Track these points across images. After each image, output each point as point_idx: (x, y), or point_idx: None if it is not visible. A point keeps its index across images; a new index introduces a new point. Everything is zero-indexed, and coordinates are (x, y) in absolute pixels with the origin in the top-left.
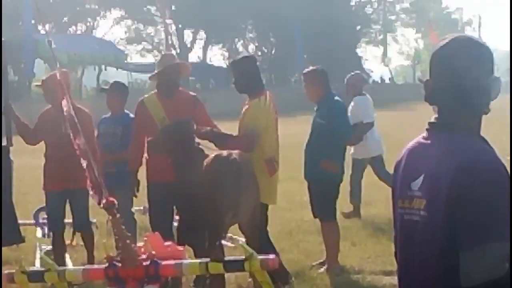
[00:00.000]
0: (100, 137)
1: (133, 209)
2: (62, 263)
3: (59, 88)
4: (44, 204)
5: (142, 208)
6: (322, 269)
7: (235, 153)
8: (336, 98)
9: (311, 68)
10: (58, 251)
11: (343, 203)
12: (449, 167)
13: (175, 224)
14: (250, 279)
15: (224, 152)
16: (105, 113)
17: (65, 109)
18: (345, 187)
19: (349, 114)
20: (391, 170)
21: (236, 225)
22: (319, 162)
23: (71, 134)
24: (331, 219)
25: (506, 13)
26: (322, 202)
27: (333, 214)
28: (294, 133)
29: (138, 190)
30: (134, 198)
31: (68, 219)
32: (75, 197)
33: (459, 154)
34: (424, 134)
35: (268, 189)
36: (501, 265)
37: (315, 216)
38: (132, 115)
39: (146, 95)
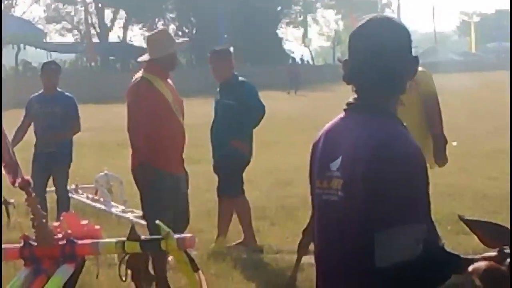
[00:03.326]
0: (36, 117)
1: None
2: None
3: None
4: None
5: (74, 186)
6: (240, 249)
7: None
8: (241, 78)
9: (219, 47)
10: None
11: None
12: (366, 148)
13: None
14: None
15: None
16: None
17: None
18: (249, 170)
19: None
20: (308, 151)
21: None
22: (227, 143)
23: None
24: (239, 193)
25: None
26: (230, 179)
27: (240, 188)
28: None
29: None
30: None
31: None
32: None
33: (376, 135)
34: (342, 114)
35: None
36: (416, 247)
37: (219, 195)
38: (68, 94)
39: (144, 74)
